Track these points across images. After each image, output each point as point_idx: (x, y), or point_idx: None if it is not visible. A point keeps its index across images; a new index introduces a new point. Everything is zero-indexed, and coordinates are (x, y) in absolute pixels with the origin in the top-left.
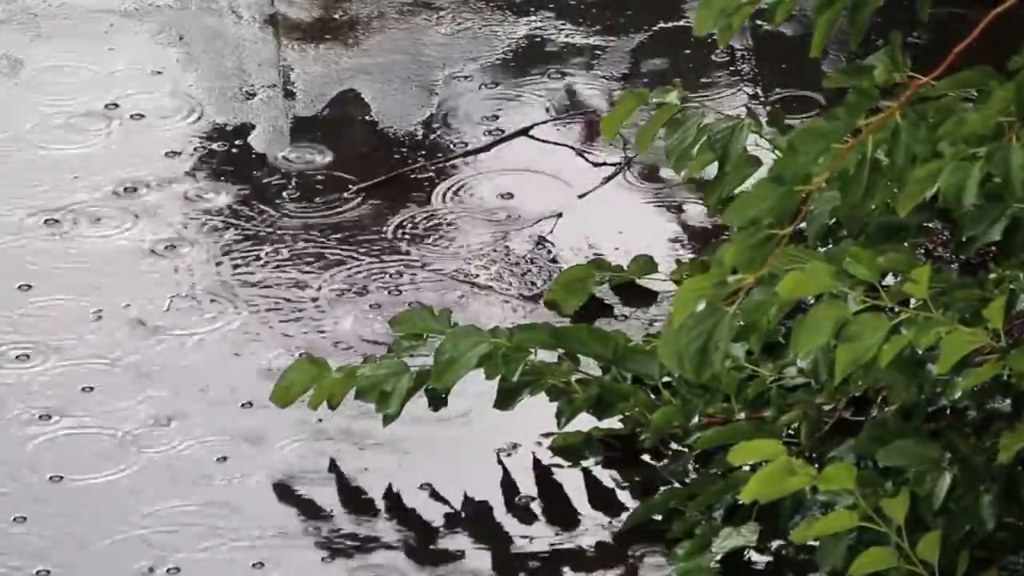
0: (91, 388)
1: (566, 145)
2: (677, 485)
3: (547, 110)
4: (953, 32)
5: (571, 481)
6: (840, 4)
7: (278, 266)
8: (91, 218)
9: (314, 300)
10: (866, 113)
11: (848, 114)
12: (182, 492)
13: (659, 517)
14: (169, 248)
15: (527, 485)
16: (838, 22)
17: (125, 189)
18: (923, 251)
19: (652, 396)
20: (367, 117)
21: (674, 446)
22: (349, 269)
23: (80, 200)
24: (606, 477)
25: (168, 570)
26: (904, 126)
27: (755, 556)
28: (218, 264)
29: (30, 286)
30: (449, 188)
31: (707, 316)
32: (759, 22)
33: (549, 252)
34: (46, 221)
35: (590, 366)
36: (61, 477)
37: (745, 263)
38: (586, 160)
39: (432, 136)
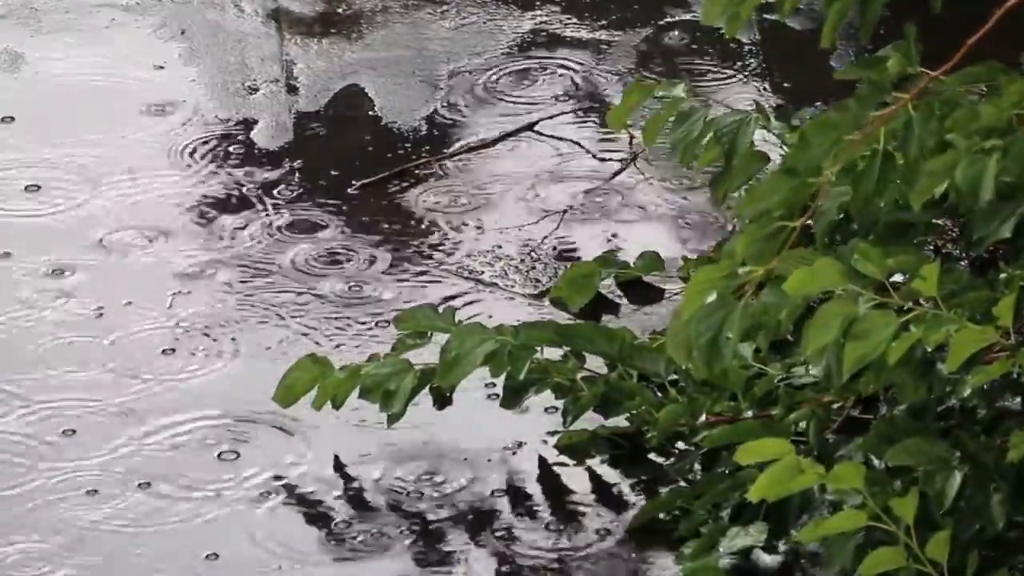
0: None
1: (572, 140)
2: (684, 484)
3: (553, 105)
4: (965, 26)
5: (577, 479)
6: None
7: (278, 263)
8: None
9: (316, 296)
10: (877, 106)
11: (860, 106)
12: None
13: (666, 516)
14: (167, 243)
15: (533, 483)
16: (848, 14)
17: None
18: (932, 249)
19: (659, 394)
20: (371, 112)
21: (681, 444)
22: (350, 265)
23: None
24: (612, 476)
25: None
26: (916, 118)
27: (762, 555)
28: (217, 259)
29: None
30: (453, 184)
31: (717, 308)
32: (767, 16)
33: (554, 248)
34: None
35: (596, 364)
36: None
37: (755, 255)
38: (592, 155)
39: (436, 131)
